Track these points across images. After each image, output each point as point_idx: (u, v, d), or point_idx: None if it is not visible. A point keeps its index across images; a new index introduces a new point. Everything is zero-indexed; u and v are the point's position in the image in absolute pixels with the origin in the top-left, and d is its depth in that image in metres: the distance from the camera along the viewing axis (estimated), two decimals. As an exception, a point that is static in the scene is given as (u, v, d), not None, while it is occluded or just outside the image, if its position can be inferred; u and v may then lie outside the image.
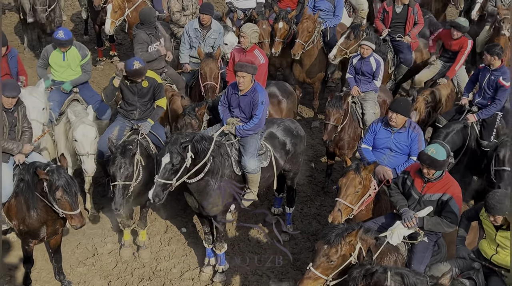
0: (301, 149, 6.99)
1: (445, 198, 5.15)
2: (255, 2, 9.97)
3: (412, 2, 9.25)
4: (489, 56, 7.14)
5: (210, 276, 6.52)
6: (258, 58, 7.37)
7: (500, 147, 6.47)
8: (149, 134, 6.35)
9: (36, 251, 6.08)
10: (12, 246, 6.68)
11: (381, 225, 5.35)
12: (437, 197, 5.16)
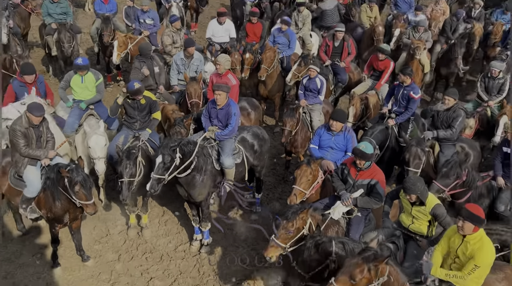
0: (266, 149, 7.10)
1: (373, 182, 5.29)
2: (228, 38, 10.02)
3: (346, 37, 9.54)
4: (403, 76, 7.41)
5: (198, 248, 6.59)
6: (231, 80, 7.47)
7: (405, 151, 6.67)
8: (147, 141, 6.38)
9: (61, 233, 6.05)
10: (42, 230, 6.61)
11: (326, 204, 5.44)
12: (367, 182, 5.30)
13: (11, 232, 6.66)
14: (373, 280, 3.72)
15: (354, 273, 3.72)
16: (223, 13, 10.20)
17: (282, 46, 9.41)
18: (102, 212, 7.01)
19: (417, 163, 6.56)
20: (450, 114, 7.05)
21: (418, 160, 6.58)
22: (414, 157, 6.58)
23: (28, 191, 5.50)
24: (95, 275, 6.04)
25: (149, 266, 6.23)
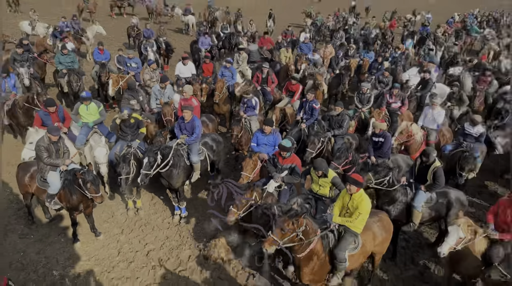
0: (221, 148, 7.07)
1: (293, 166, 5.48)
2: (191, 74, 9.94)
3: (270, 71, 9.83)
4: (308, 94, 7.67)
5: (178, 220, 6.49)
6: (194, 103, 7.45)
7: (307, 139, 7.02)
8: (137, 148, 6.22)
9: (78, 218, 5.82)
10: (64, 216, 6.32)
11: (263, 182, 5.47)
12: (289, 166, 5.49)
13: (40, 219, 6.33)
14: (296, 230, 3.84)
15: (283, 226, 3.83)
16: (186, 57, 10.12)
17: (228, 78, 9.43)
18: (108, 200, 6.75)
19: (312, 146, 6.83)
20: (339, 118, 7.37)
21: (313, 145, 6.85)
22: (312, 143, 6.87)
23: (51, 189, 5.35)
24: (105, 245, 5.86)
25: (145, 235, 6.10)
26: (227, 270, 5.40)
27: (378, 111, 8.20)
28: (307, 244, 4.00)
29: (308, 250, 4.01)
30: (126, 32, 16.67)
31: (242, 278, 5.33)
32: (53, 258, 5.50)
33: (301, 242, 3.94)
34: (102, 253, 5.66)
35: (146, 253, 5.70)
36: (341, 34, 17.25)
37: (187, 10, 21.26)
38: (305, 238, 3.95)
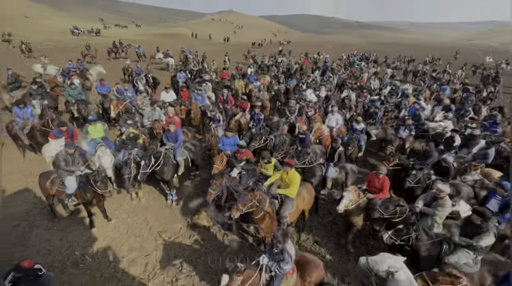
0: (198, 150, 6.78)
1: (248, 158, 5.60)
2: (172, 99, 9.43)
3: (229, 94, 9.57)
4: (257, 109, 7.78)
5: (171, 203, 6.11)
6: (176, 119, 7.19)
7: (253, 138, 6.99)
8: (136, 154, 5.62)
9: (93, 210, 5.25)
10: (81, 210, 5.61)
11: (229, 170, 5.37)
12: (245, 158, 5.57)
13: (61, 214, 5.58)
14: (252, 200, 3.85)
15: (243, 201, 3.83)
16: (168, 87, 9.67)
17: (200, 101, 9.13)
18: (115, 194, 6.16)
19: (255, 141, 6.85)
20: (277, 124, 7.49)
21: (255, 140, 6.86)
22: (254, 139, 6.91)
23: (69, 190, 4.80)
24: (116, 227, 5.36)
25: (147, 216, 5.68)
26: (208, 234, 5.28)
27: (300, 118, 8.42)
28: (261, 209, 4.05)
29: (262, 213, 4.06)
30: (121, 71, 15.48)
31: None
32: (74, 242, 4.93)
33: (257, 208, 3.98)
34: (114, 233, 5.20)
35: (149, 229, 5.33)
36: (273, 69, 17.66)
37: (167, 54, 20.44)
38: (260, 205, 3.99)
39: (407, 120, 7.86)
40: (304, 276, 3.28)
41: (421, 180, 5.31)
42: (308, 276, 3.27)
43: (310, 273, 3.29)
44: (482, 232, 3.45)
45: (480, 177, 5.38)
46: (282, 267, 3.06)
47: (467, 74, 20.83)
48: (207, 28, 60.20)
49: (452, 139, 6.75)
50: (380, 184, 4.57)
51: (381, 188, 4.55)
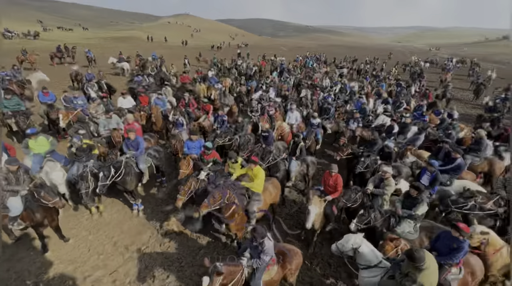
0: (162, 155, 6.40)
1: (215, 159, 5.49)
2: (131, 105, 8.74)
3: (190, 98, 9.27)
4: (220, 111, 7.58)
5: (137, 213, 5.66)
6: (136, 126, 6.63)
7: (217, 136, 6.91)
8: (92, 166, 5.09)
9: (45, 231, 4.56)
10: (30, 233, 4.83)
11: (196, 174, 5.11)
12: (212, 159, 5.44)
13: (6, 242, 4.70)
14: (222, 197, 3.82)
15: (215, 195, 3.78)
16: (125, 93, 8.91)
17: (161, 105, 8.65)
18: (72, 211, 5.51)
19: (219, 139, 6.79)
20: (241, 124, 7.52)
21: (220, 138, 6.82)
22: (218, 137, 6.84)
23: (12, 213, 4.05)
24: (76, 246, 4.75)
25: (110, 231, 5.16)
26: (180, 239, 5.02)
27: (262, 117, 8.55)
28: (230, 206, 4.01)
29: (231, 210, 4.02)
30: (69, 77, 13.74)
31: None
32: (24, 271, 4.24)
33: (226, 205, 3.94)
34: (73, 254, 4.60)
35: (114, 244, 4.86)
36: (233, 71, 17.62)
37: (120, 59, 18.80)
38: (228, 202, 3.95)
39: (355, 114, 8.58)
40: (284, 265, 3.38)
41: (369, 165, 5.85)
42: (288, 264, 3.40)
43: (290, 261, 3.41)
44: (418, 203, 3.96)
45: (415, 158, 6.17)
46: (263, 259, 3.09)
47: (399, 71, 23.61)
48: (163, 31, 57.14)
49: (391, 127, 7.61)
50: (334, 181, 4.56)
51: (335, 185, 4.56)
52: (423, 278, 2.75)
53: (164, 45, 42.44)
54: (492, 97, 12.72)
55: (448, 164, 5.50)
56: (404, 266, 2.97)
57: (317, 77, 16.81)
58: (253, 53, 30.91)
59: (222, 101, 10.38)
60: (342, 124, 8.63)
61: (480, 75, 19.79)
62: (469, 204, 4.59)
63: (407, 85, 15.31)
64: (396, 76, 19.46)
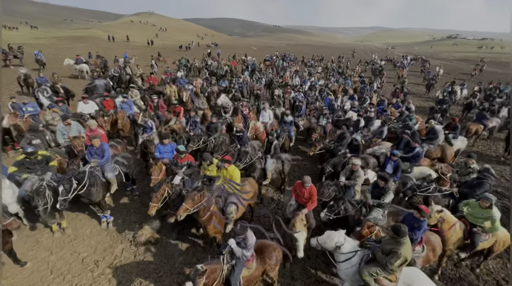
0: (132, 162, 5.98)
1: (189, 162, 5.26)
2: (93, 110, 7.97)
3: (159, 100, 8.86)
4: (192, 113, 7.27)
5: (106, 225, 5.26)
6: (100, 132, 6.10)
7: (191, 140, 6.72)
8: (50, 180, 4.58)
9: None
10: (-24, 262, 4.18)
11: (171, 178, 4.98)
12: (185, 162, 5.23)
13: None
14: (201, 199, 3.73)
15: (194, 197, 3.67)
16: (86, 97, 8.12)
17: (126, 109, 8.12)
18: (29, 231, 4.93)
19: (192, 143, 6.65)
20: (215, 125, 7.36)
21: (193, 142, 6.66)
22: (193, 140, 6.66)
23: None
24: (35, 270, 4.25)
25: (76, 248, 4.72)
26: (156, 248, 4.78)
27: (236, 118, 8.50)
28: (208, 209, 3.93)
29: (208, 213, 3.94)
30: (16, 81, 12.22)
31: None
32: (-28, 304, 3.72)
33: (204, 208, 3.85)
34: (33, 279, 4.12)
35: (81, 261, 4.45)
36: (204, 71, 17.25)
37: (78, 60, 17.18)
38: (207, 205, 3.87)
39: (324, 110, 8.96)
40: (264, 261, 3.45)
41: (338, 160, 6.16)
42: (268, 259, 3.46)
43: (270, 256, 3.48)
44: (386, 192, 4.28)
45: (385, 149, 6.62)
46: (245, 254, 3.15)
47: (362, 69, 25.21)
48: (125, 31, 53.74)
49: (358, 122, 8.10)
50: (308, 193, 4.28)
51: (309, 197, 4.29)
52: (405, 251, 2.99)
53: (128, 45, 39.99)
54: (441, 90, 14.16)
55: (409, 152, 6.03)
56: (387, 245, 3.15)
57: (287, 76, 17.26)
58: (224, 53, 30.71)
59: (196, 104, 10.10)
60: (314, 121, 8.94)
61: (430, 72, 21.98)
62: (431, 187, 5.10)
63: (370, 81, 16.41)
64: (360, 73, 20.71)
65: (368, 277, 3.16)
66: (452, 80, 16.26)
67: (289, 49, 45.44)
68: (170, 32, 68.92)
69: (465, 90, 15.28)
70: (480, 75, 24.91)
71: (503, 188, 7.05)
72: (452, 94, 13.95)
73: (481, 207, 4.05)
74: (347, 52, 45.43)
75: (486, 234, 4.07)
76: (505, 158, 8.78)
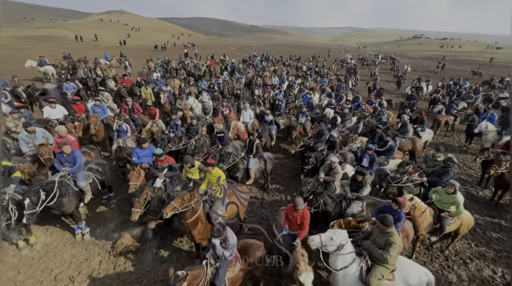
0: (107, 169, 5.66)
1: (170, 164, 5.13)
2: (62, 115, 7.47)
3: (134, 103, 8.45)
4: (173, 115, 7.11)
5: (81, 237, 4.94)
6: (70, 138, 5.64)
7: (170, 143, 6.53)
8: (14, 192, 4.20)
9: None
10: None
11: (152, 182, 4.79)
12: (166, 165, 5.11)
13: None
14: (191, 200, 3.64)
15: (184, 196, 3.57)
16: (53, 101, 7.57)
17: (100, 113, 7.68)
18: None
19: (172, 143, 6.47)
20: (195, 127, 7.18)
21: (174, 143, 6.49)
22: (173, 142, 6.48)
23: None
24: (0, 292, 3.88)
25: (48, 264, 4.36)
26: (137, 257, 4.57)
27: (217, 118, 8.37)
28: (195, 212, 3.81)
29: (195, 217, 3.84)
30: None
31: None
32: None
33: (192, 209, 3.74)
34: (-2, 302, 3.78)
35: (54, 278, 4.13)
36: (182, 72, 16.84)
37: (42, 61, 15.88)
38: (195, 207, 3.76)
39: (303, 108, 9.16)
40: (248, 260, 3.39)
41: (317, 158, 6.35)
42: (252, 259, 3.42)
43: (253, 256, 3.43)
44: (363, 186, 4.49)
45: (361, 144, 6.93)
46: (226, 255, 3.07)
47: (338, 67, 26.17)
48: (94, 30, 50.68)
49: (335, 119, 8.39)
50: (301, 218, 3.73)
51: (301, 223, 3.74)
52: (397, 239, 3.08)
53: (97, 45, 37.80)
54: (410, 87, 15.14)
55: (383, 146, 6.37)
56: (379, 239, 3.17)
57: (267, 76, 17.37)
58: (202, 53, 30.22)
59: (177, 105, 9.82)
60: (293, 119, 9.11)
61: (399, 69, 23.40)
62: (404, 179, 5.43)
63: (345, 79, 17.08)
64: (335, 71, 21.47)
65: (375, 282, 3.05)
66: (419, 77, 17.47)
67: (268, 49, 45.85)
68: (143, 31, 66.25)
69: (430, 86, 16.48)
70: (443, 72, 27.00)
71: (465, 175, 7.71)
72: (419, 90, 14.96)
73: (447, 193, 4.40)
74: (323, 51, 46.86)
75: (452, 218, 4.42)
76: (467, 147, 9.60)
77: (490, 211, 6.15)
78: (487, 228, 5.58)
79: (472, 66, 32.95)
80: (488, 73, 26.27)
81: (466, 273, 4.45)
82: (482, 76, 23.70)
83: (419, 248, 4.92)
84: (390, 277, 3.17)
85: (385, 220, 3.10)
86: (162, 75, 16.64)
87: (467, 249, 5.01)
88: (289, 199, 6.27)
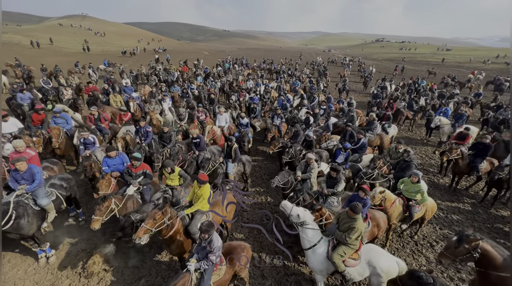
0: (73, 183, 5.21)
1: (145, 171, 4.89)
2: (17, 128, 6.82)
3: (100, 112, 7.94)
4: (142, 122, 6.68)
5: (45, 261, 4.47)
6: (30, 153, 5.09)
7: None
8: None
9: None
10: None
11: (124, 190, 4.61)
12: (141, 172, 4.89)
13: None
14: (164, 217, 3.47)
15: (155, 216, 3.39)
16: (5, 115, 6.80)
17: (62, 124, 7.08)
18: None
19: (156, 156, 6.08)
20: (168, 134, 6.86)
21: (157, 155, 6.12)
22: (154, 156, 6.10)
23: None
24: None
25: (5, 295, 3.90)
26: (111, 276, 4.26)
27: (192, 125, 8.11)
28: (171, 227, 3.64)
29: (172, 232, 3.66)
30: None
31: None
32: None
33: (167, 226, 3.56)
34: None
35: (14, 310, 3.70)
36: (153, 78, 16.26)
37: (-10, 70, 14.33)
38: (171, 223, 3.59)
39: (277, 110, 9.35)
40: (233, 262, 3.37)
41: (295, 154, 6.50)
42: (237, 261, 3.41)
43: (238, 258, 3.42)
44: (338, 182, 4.69)
45: (337, 142, 7.23)
46: (211, 259, 3.02)
47: (311, 71, 27.19)
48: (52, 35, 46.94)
49: (308, 119, 8.69)
50: None
51: None
52: (359, 224, 3.37)
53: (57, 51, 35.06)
54: (375, 87, 16.23)
55: (356, 144, 6.72)
56: (344, 223, 3.48)
57: (240, 79, 17.43)
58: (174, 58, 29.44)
59: (146, 109, 9.38)
60: (269, 121, 9.24)
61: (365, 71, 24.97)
62: (375, 173, 5.77)
63: (317, 81, 17.78)
64: (308, 74, 22.25)
65: (338, 259, 3.39)
66: (383, 77, 18.82)
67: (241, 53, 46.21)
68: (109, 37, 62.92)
69: (393, 86, 17.83)
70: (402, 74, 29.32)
71: (427, 165, 8.43)
72: (384, 89, 16.10)
73: (412, 182, 4.77)
74: (295, 55, 48.40)
75: (418, 205, 4.79)
76: (427, 140, 10.52)
77: (450, 196, 6.77)
78: (448, 211, 6.12)
79: (427, 66, 36.46)
80: (441, 72, 29.23)
81: (434, 255, 4.82)
82: (436, 75, 26.26)
83: (392, 236, 5.23)
84: (355, 256, 3.48)
85: (355, 208, 3.39)
86: (131, 82, 15.90)
87: (433, 233, 5.45)
88: (270, 201, 6.31)
